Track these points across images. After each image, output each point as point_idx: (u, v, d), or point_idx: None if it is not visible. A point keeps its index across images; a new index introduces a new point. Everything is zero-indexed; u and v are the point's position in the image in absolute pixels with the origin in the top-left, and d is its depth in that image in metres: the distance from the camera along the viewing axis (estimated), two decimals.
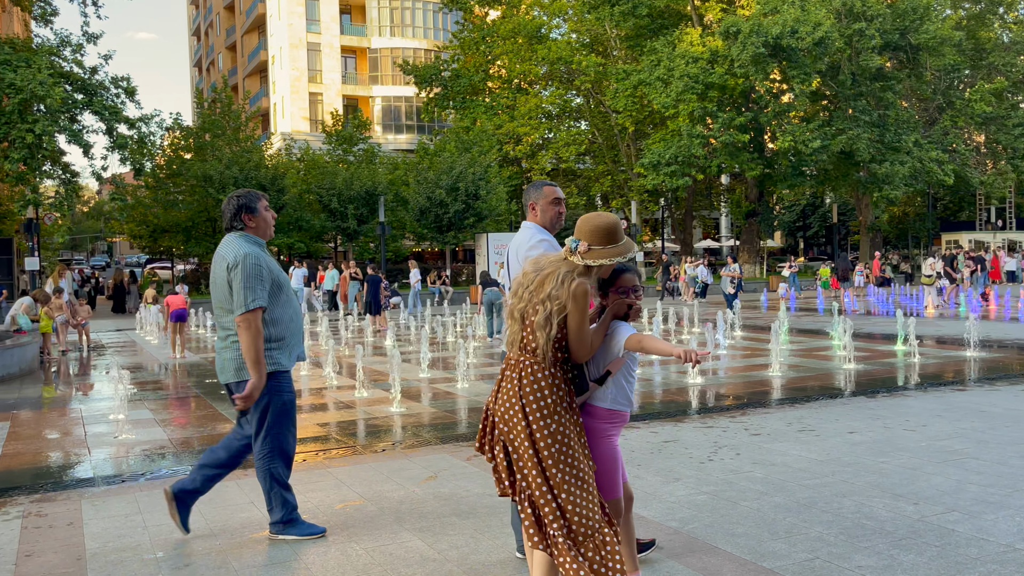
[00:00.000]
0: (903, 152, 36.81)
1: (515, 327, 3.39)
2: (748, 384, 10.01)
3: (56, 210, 29.00)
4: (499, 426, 3.36)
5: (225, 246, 4.57)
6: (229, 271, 4.44)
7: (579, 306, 3.23)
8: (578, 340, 3.28)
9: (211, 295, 4.69)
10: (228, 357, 4.56)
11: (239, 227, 4.61)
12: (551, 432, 3.24)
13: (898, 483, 5.45)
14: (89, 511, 5.34)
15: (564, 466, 3.23)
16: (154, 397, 10.29)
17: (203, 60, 79.20)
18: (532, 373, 3.28)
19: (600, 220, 3.35)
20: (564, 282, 3.26)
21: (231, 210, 4.61)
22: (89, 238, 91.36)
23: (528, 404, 3.26)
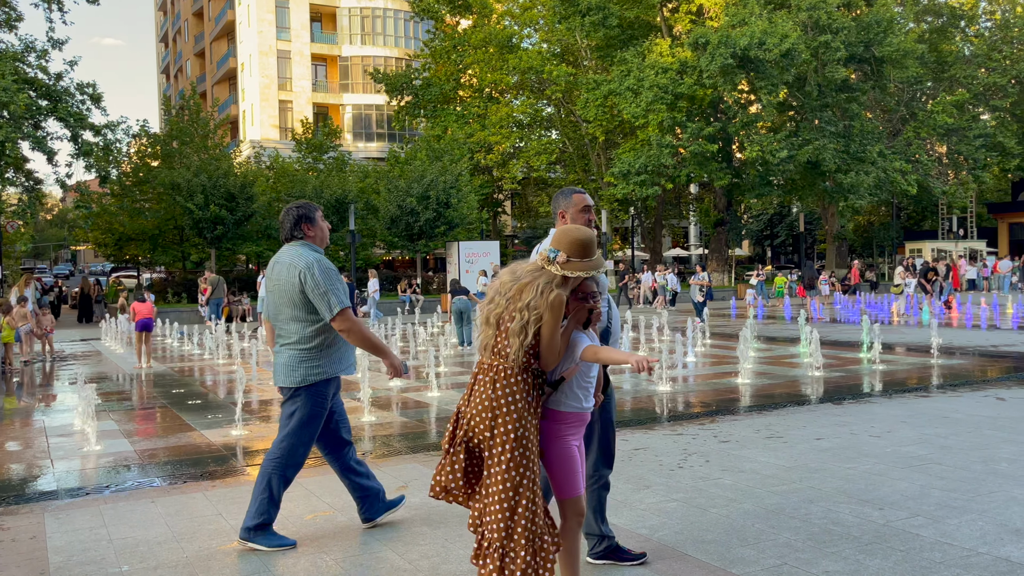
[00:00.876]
0: (868, 162, 37.41)
1: (489, 331, 3.44)
2: (717, 392, 10.10)
3: (19, 218, 28.52)
4: (468, 428, 3.40)
5: (289, 255, 4.69)
6: (302, 279, 4.57)
7: (555, 316, 3.32)
8: (549, 348, 3.36)
9: (266, 302, 4.83)
10: (281, 362, 4.70)
11: (299, 236, 4.75)
12: (517, 437, 3.31)
13: (864, 489, 5.53)
14: (52, 524, 5.25)
15: (524, 469, 3.31)
16: (119, 408, 10.13)
17: (171, 67, 78.40)
18: (506, 378, 3.35)
19: (580, 234, 3.43)
20: (543, 292, 3.33)
21: (291, 221, 4.76)
22: (53, 246, 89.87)
23: (499, 408, 3.32)
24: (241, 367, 13.70)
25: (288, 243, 4.79)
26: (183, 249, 36.26)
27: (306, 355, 4.64)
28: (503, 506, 3.30)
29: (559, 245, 3.42)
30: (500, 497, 3.30)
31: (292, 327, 4.67)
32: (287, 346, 4.69)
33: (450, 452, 3.45)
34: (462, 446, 3.41)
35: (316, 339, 4.65)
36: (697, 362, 13.22)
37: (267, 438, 7.94)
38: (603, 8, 36.25)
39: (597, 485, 4.25)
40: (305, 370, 4.64)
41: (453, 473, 3.42)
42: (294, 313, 4.64)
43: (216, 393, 11.28)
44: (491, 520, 3.33)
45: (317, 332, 4.65)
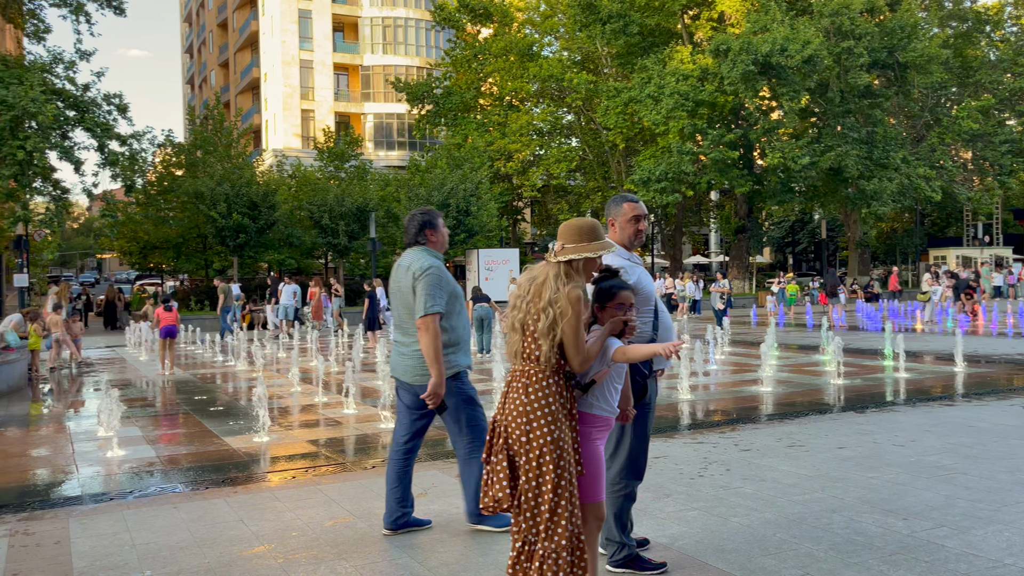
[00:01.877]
0: (891, 169, 37.07)
1: (515, 337, 3.48)
2: (738, 400, 10.03)
3: (46, 227, 28.92)
4: (505, 435, 3.42)
5: (409, 259, 4.92)
6: (415, 279, 4.76)
7: (574, 310, 3.34)
8: (573, 345, 3.36)
9: (392, 304, 5.02)
10: (410, 364, 4.90)
11: (422, 242, 4.95)
12: (553, 439, 3.33)
13: (888, 498, 5.46)
14: (77, 529, 5.31)
15: (562, 471, 3.32)
16: (143, 414, 10.23)
17: (195, 77, 79.31)
18: (538, 381, 3.38)
19: (573, 221, 3.54)
20: (558, 287, 3.38)
21: (415, 226, 4.95)
22: (79, 254, 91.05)
23: (533, 412, 3.35)
24: (262, 374, 13.80)
25: (410, 248, 4.97)
26: (206, 257, 36.60)
27: None
28: (544, 508, 3.31)
29: (559, 236, 3.52)
30: (541, 500, 3.32)
31: (413, 325, 4.83)
32: (411, 346, 4.88)
33: (492, 463, 3.45)
34: (503, 455, 3.42)
35: (441, 336, 4.79)
36: (718, 370, 13.14)
37: (288, 444, 7.99)
38: (624, 16, 36.24)
39: (622, 493, 4.22)
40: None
41: (500, 483, 3.42)
42: (415, 313, 4.80)
43: (237, 400, 11.37)
44: (531, 524, 3.34)
45: (440, 330, 4.80)
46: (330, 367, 14.74)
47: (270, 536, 5.04)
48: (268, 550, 4.77)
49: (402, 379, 4.97)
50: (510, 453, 3.41)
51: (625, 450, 4.22)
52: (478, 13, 41.87)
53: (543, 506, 3.32)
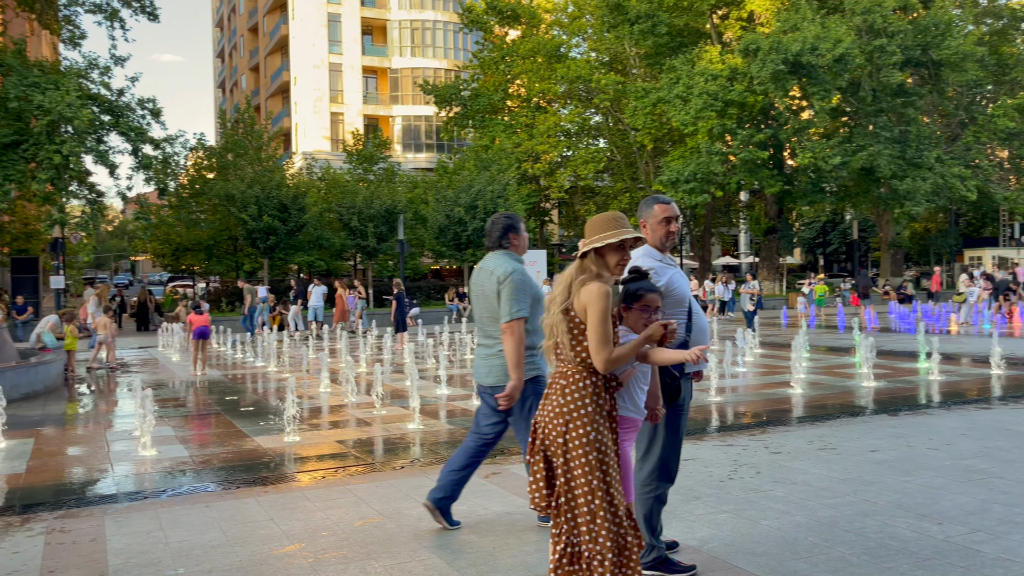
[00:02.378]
0: (925, 168, 36.51)
1: (550, 341, 3.50)
2: (768, 402, 9.94)
3: (82, 229, 29.40)
4: (543, 436, 3.41)
5: (493, 263, 4.97)
6: (499, 284, 4.81)
7: (596, 306, 3.31)
8: (596, 342, 3.31)
9: (474, 307, 5.12)
10: (495, 364, 4.93)
11: (505, 246, 5.01)
12: (590, 441, 3.31)
13: (922, 503, 5.39)
14: (112, 527, 5.39)
15: (601, 473, 3.30)
16: (175, 414, 10.37)
17: (227, 81, 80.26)
18: (575, 382, 3.37)
19: (595, 216, 3.56)
20: (581, 283, 3.39)
21: (499, 230, 5.01)
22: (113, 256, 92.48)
23: (570, 413, 3.34)
24: (292, 375, 13.92)
25: (492, 251, 5.04)
26: (237, 259, 37.01)
27: None
28: (584, 510, 3.30)
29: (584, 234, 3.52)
30: (580, 502, 3.31)
31: (495, 328, 4.90)
32: (493, 348, 4.94)
33: (532, 463, 3.45)
34: (540, 455, 3.41)
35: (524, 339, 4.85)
36: (747, 372, 13.03)
37: (318, 445, 8.05)
38: (652, 16, 36.07)
39: (652, 495, 4.20)
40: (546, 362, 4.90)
41: (537, 483, 3.42)
42: (497, 317, 4.87)
43: (268, 400, 11.48)
44: (572, 526, 3.33)
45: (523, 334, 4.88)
46: (359, 368, 14.84)
47: (300, 536, 5.08)
48: (298, 549, 4.82)
49: (483, 383, 5.01)
50: (547, 454, 3.40)
51: (656, 452, 4.20)
52: (506, 15, 41.92)
53: (582, 507, 3.30)
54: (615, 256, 3.48)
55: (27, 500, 6.21)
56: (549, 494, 3.39)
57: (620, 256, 3.49)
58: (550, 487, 3.40)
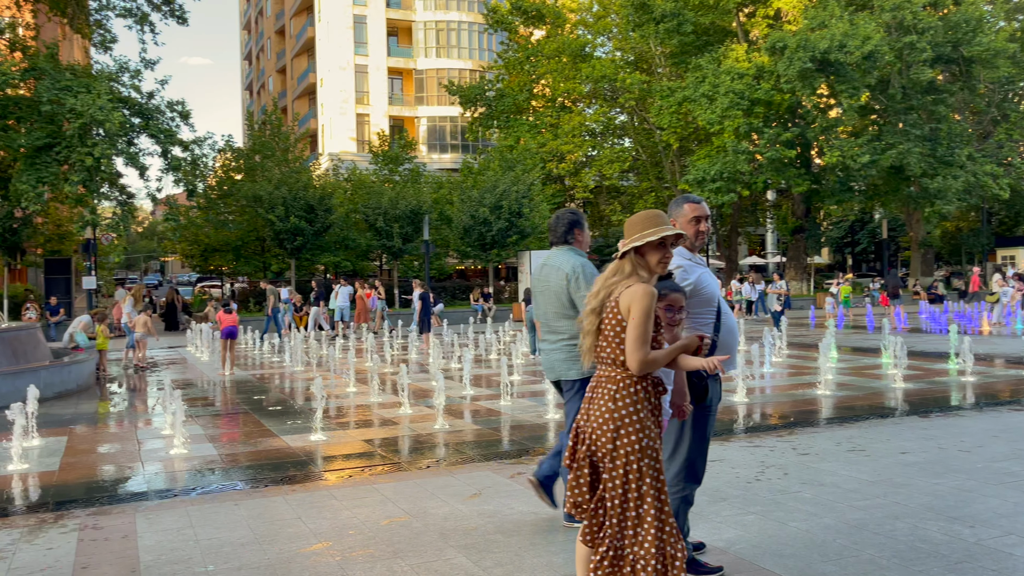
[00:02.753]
0: (956, 166, 35.97)
1: (589, 341, 3.44)
2: (795, 403, 9.85)
3: (113, 230, 29.83)
4: (589, 441, 3.36)
5: (560, 258, 5.01)
6: (569, 280, 4.87)
7: (639, 306, 3.26)
8: (634, 342, 3.26)
9: (537, 302, 5.15)
10: (558, 358, 4.97)
11: (570, 241, 5.06)
12: (642, 447, 3.27)
13: (953, 505, 5.31)
14: (143, 524, 5.47)
15: (651, 480, 3.27)
16: (204, 413, 10.49)
17: (254, 83, 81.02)
18: (626, 387, 3.31)
19: (634, 215, 3.50)
20: (618, 286, 3.35)
21: (564, 226, 5.07)
22: (143, 257, 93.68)
23: (621, 419, 3.28)
24: (319, 374, 14.03)
25: (557, 247, 5.09)
26: (264, 259, 37.36)
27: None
28: (632, 515, 3.27)
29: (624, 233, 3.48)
30: (629, 506, 3.27)
31: (563, 324, 4.95)
32: (561, 342, 4.96)
33: (574, 469, 3.41)
34: (586, 461, 3.36)
35: None
36: (775, 372, 12.92)
37: (344, 444, 8.11)
38: (678, 15, 35.89)
39: (679, 496, 4.19)
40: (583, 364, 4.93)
41: (580, 488, 3.38)
42: (564, 311, 4.93)
43: (295, 399, 11.58)
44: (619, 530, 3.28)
45: None
46: (384, 368, 14.91)
47: (328, 534, 5.12)
48: (326, 548, 4.85)
49: (551, 376, 5.07)
50: (592, 460, 3.35)
51: (683, 453, 4.18)
52: (531, 15, 41.92)
53: (630, 512, 3.26)
54: (656, 255, 3.41)
55: (60, 497, 6.31)
56: (591, 498, 3.35)
57: (661, 254, 3.42)
58: (592, 491, 3.36)
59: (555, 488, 5.20)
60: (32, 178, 24.13)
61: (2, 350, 12.76)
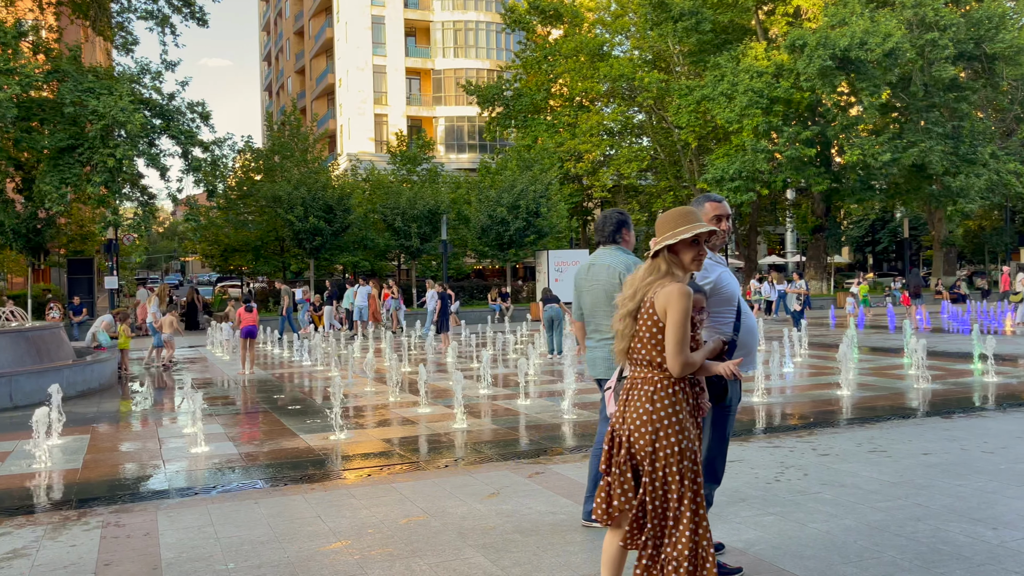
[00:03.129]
0: (979, 164, 35.60)
1: (621, 345, 3.39)
2: (815, 403, 9.79)
3: (134, 231, 30.11)
4: (627, 445, 3.30)
5: (609, 258, 5.04)
6: (621, 279, 4.88)
7: (676, 308, 3.20)
8: (674, 344, 3.20)
9: (583, 300, 5.16)
10: (600, 356, 5.03)
11: (618, 241, 5.09)
12: (682, 449, 3.22)
13: (976, 507, 5.26)
14: (164, 522, 5.52)
15: (690, 482, 3.23)
16: (224, 412, 10.57)
17: (273, 84, 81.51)
18: (664, 389, 3.26)
19: (666, 212, 3.41)
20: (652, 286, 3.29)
21: (612, 225, 5.10)
22: (164, 257, 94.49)
23: (660, 421, 3.23)
24: (338, 373, 14.09)
25: (604, 246, 5.13)
26: (284, 259, 37.59)
27: None
28: (670, 515, 3.23)
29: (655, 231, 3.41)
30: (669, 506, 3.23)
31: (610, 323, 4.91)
32: (605, 341, 5.00)
33: (615, 474, 3.35)
34: (627, 465, 3.30)
35: None
36: (794, 372, 12.84)
37: (363, 443, 8.15)
38: (696, 13, 35.73)
39: None
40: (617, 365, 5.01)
41: (625, 495, 3.31)
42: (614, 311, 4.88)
43: (314, 398, 11.64)
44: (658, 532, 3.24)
45: None
46: (403, 367, 14.96)
47: (346, 533, 5.14)
48: (345, 546, 4.88)
49: (594, 374, 5.10)
50: (633, 463, 3.29)
51: (703, 453, 4.16)
52: (548, 14, 41.89)
53: (669, 514, 3.23)
54: (689, 253, 3.34)
55: (83, 495, 6.38)
56: (636, 502, 3.29)
57: (695, 252, 3.35)
58: (635, 494, 3.30)
59: None
60: (55, 179, 24.42)
61: (27, 349, 12.92)
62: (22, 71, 23.54)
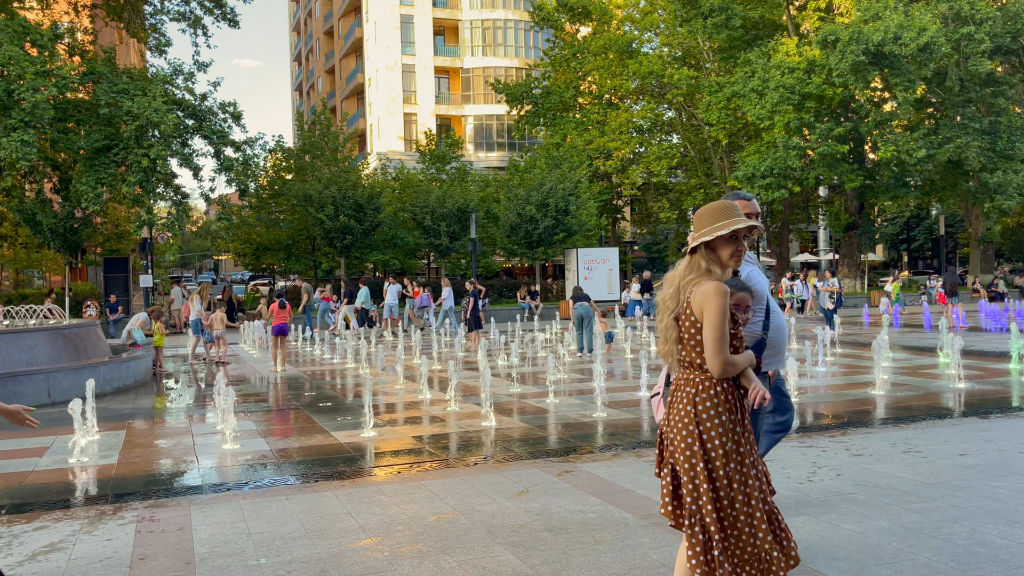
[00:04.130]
0: (1017, 160, 34.92)
1: (664, 347, 3.32)
2: (849, 403, 9.66)
3: (168, 230, 30.56)
4: (670, 447, 3.25)
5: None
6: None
7: (713, 306, 3.11)
8: (713, 343, 3.11)
9: None
10: None
11: None
12: (727, 451, 3.13)
13: (1014, 509, 5.16)
14: (198, 517, 5.59)
15: (740, 485, 3.14)
16: (256, 409, 10.68)
17: (303, 84, 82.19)
18: (706, 390, 3.17)
19: (704, 207, 3.31)
20: (690, 285, 3.21)
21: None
22: (197, 256, 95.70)
23: (703, 423, 3.15)
24: (369, 371, 14.17)
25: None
26: (315, 258, 37.90)
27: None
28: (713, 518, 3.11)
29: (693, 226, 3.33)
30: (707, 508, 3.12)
31: None
32: None
33: (661, 475, 3.31)
34: (668, 467, 3.26)
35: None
36: (827, 372, 12.69)
37: (393, 440, 8.19)
38: (726, 9, 35.41)
39: None
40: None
41: (663, 498, 3.26)
42: None
43: (345, 396, 11.72)
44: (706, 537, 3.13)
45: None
46: (433, 365, 15.01)
47: (376, 529, 5.17)
48: (375, 543, 4.91)
49: None
50: (675, 467, 3.23)
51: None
52: (577, 12, 41.75)
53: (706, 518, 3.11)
54: (728, 249, 3.24)
55: (119, 490, 6.49)
56: (677, 506, 3.22)
57: (734, 248, 3.24)
58: (676, 498, 3.23)
59: None
60: (91, 179, 24.84)
61: (64, 346, 13.16)
62: (58, 73, 23.97)
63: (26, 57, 23.28)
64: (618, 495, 5.75)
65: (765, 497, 3.21)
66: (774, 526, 3.21)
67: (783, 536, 3.22)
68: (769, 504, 3.23)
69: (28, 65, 22.96)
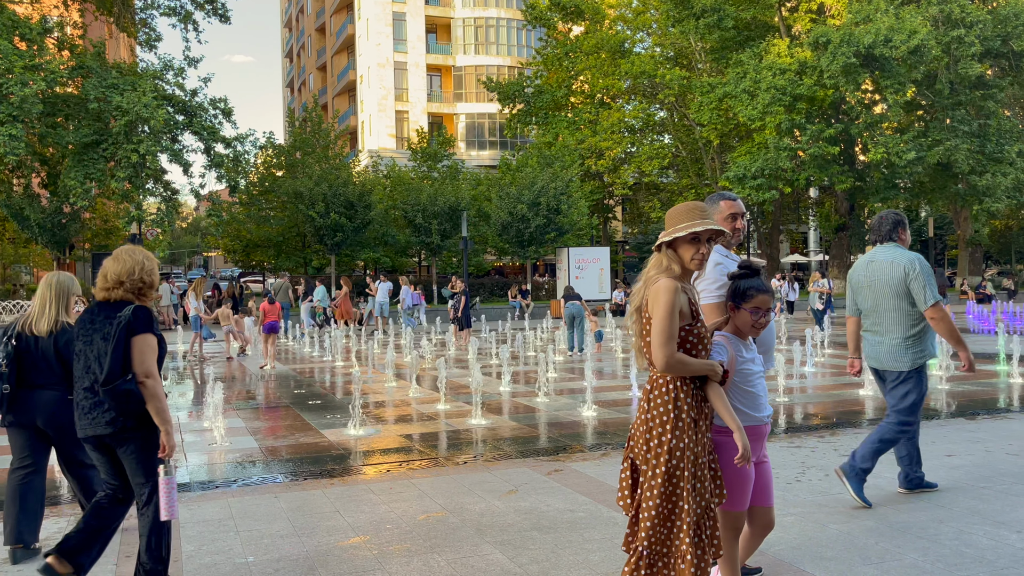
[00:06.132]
0: (1006, 163, 35.13)
1: (635, 342, 3.36)
2: (837, 403, 9.71)
3: (158, 226, 30.42)
4: (631, 442, 3.30)
5: (890, 254, 5.42)
6: (907, 273, 5.28)
7: (658, 301, 3.16)
8: (657, 337, 3.14)
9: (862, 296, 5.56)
10: (884, 350, 5.42)
11: (894, 239, 5.52)
12: (669, 448, 3.14)
13: (1000, 510, 5.19)
14: (185, 515, 5.57)
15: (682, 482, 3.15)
16: (245, 406, 10.65)
17: (295, 80, 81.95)
18: (658, 387, 3.22)
19: (675, 206, 3.36)
20: (649, 283, 3.26)
21: (889, 224, 5.54)
22: (187, 252, 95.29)
23: (653, 419, 3.19)
24: (358, 369, 14.15)
25: (882, 244, 5.53)
26: (305, 255, 37.81)
27: (911, 342, 5.33)
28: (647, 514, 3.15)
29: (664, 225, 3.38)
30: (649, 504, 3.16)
31: (893, 316, 5.35)
32: (889, 335, 5.38)
33: (621, 467, 3.36)
34: (628, 461, 3.30)
35: (917, 327, 5.32)
36: (816, 372, 12.74)
37: (382, 439, 8.18)
38: (718, 10, 35.50)
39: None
40: (912, 355, 5.34)
41: (622, 490, 3.30)
42: (897, 304, 5.32)
43: (334, 394, 11.69)
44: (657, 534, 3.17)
45: (917, 320, 5.31)
46: (423, 363, 14.99)
47: (365, 528, 5.16)
48: (363, 542, 4.90)
49: (875, 365, 5.49)
50: (633, 460, 3.27)
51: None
52: (569, 11, 41.78)
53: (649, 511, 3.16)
54: (689, 250, 3.24)
55: None
56: (632, 500, 3.27)
57: (695, 250, 3.24)
58: (633, 493, 3.27)
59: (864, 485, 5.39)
60: (80, 174, 24.70)
61: None
62: (47, 67, 23.84)
63: (15, 51, 23.12)
64: (608, 494, 5.76)
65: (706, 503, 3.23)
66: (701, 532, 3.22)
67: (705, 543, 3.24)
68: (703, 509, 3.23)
69: (17, 59, 22.80)
